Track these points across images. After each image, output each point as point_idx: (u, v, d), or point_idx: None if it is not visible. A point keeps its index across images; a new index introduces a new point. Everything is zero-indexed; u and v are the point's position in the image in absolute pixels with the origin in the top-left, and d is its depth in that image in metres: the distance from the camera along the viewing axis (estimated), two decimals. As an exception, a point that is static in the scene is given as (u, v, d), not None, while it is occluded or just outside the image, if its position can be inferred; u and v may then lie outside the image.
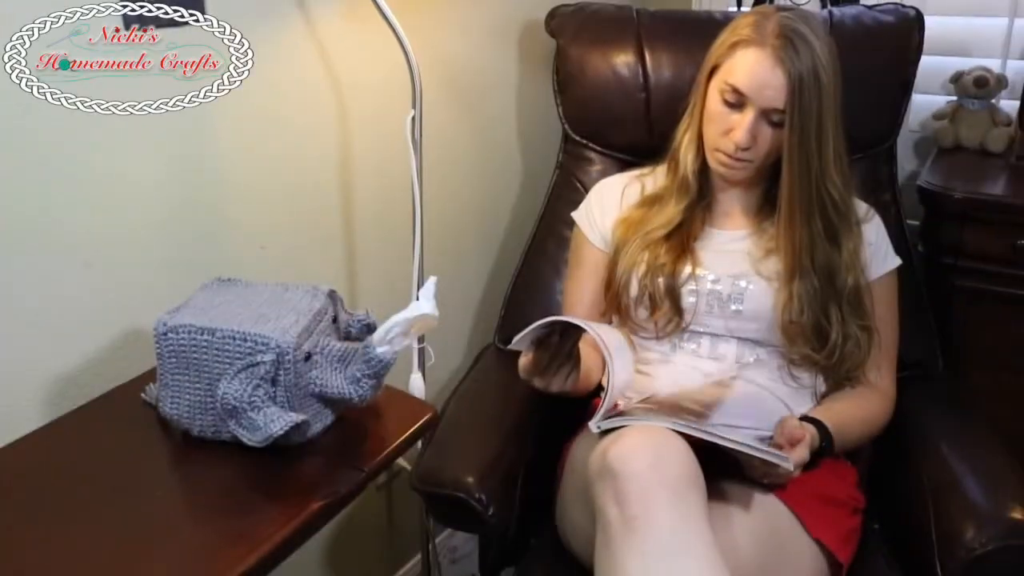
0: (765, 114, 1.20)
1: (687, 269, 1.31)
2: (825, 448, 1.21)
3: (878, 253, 1.33)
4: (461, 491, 1.20)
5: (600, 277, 1.39)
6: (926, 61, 1.57)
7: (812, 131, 1.19)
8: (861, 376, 1.32)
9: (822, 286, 1.26)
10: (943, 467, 1.25)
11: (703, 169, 1.33)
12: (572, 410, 1.36)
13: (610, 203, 1.41)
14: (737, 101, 1.21)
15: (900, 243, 1.41)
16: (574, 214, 1.46)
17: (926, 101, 1.86)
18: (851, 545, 1.22)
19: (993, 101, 1.79)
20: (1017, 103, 1.71)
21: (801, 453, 1.15)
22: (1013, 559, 1.11)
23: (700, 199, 1.34)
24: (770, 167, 1.28)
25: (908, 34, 1.54)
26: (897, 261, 1.36)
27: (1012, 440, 1.28)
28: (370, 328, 1.07)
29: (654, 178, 1.41)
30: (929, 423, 1.36)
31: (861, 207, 1.35)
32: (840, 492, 1.24)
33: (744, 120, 1.21)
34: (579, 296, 1.42)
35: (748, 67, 1.19)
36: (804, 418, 1.23)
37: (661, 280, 1.30)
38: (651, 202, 1.37)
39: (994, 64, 1.79)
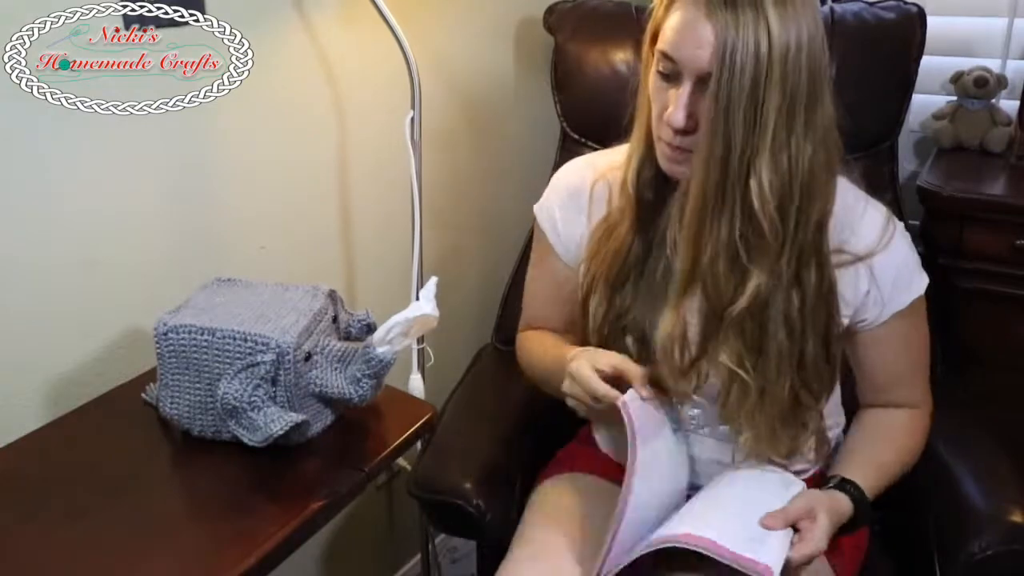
0: (702, 84, 0.97)
1: (641, 324, 1.11)
2: (862, 513, 1.08)
3: (900, 282, 1.12)
4: (458, 498, 1.19)
5: (561, 292, 1.22)
6: (926, 61, 1.56)
7: (740, 110, 0.95)
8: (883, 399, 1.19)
9: (712, 312, 1.05)
10: (942, 469, 1.25)
11: (660, 175, 1.07)
12: (569, 416, 1.36)
13: (575, 211, 1.19)
14: (671, 71, 1.00)
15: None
16: (536, 209, 1.25)
17: (926, 101, 1.86)
18: (854, 555, 1.20)
19: (993, 101, 1.79)
20: (1017, 103, 1.71)
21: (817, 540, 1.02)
22: (1014, 563, 1.11)
23: (662, 213, 1.10)
24: None
25: (910, 31, 1.54)
26: (923, 284, 1.14)
27: (1012, 441, 1.28)
28: (370, 328, 1.07)
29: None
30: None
31: (877, 220, 1.11)
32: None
33: (679, 94, 0.99)
34: (546, 309, 1.26)
35: (676, 26, 0.98)
36: (837, 484, 1.10)
37: (625, 338, 1.12)
38: (608, 230, 1.14)
39: (994, 64, 1.79)
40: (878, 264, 1.10)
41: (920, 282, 1.14)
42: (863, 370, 1.18)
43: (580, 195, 1.19)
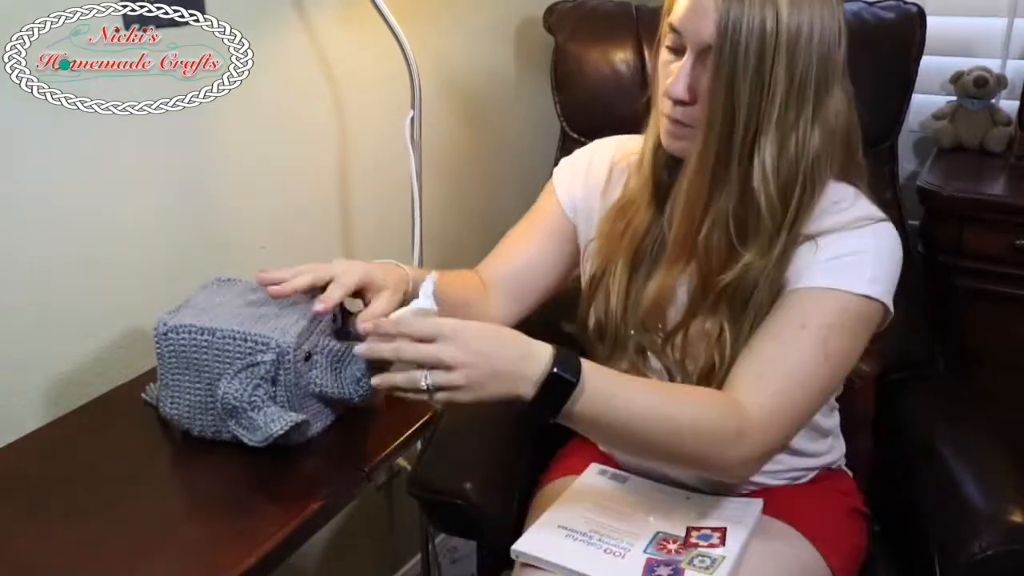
0: (704, 57, 0.97)
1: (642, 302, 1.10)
2: (558, 375, 0.87)
3: (838, 264, 1.00)
4: (458, 498, 1.19)
5: (548, 236, 1.20)
6: (926, 61, 1.56)
7: (745, 84, 0.94)
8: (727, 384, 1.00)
9: (701, 286, 1.03)
10: (943, 469, 1.25)
11: (674, 156, 1.06)
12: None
13: (594, 180, 1.19)
14: (677, 44, 1.00)
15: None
16: (556, 169, 1.25)
17: (926, 101, 1.86)
18: (853, 556, 1.19)
19: (993, 101, 1.79)
20: (1017, 103, 1.71)
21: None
22: (1014, 563, 1.10)
23: (668, 197, 1.09)
24: None
25: (910, 31, 1.54)
26: (870, 291, 0.99)
27: (1013, 441, 1.28)
28: None
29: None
30: (928, 424, 1.35)
31: (854, 213, 1.04)
32: (851, 502, 1.22)
33: (680, 65, 0.98)
34: (521, 249, 1.22)
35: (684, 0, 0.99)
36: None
37: (619, 317, 1.10)
38: (624, 211, 1.13)
39: (994, 64, 1.79)
40: (824, 240, 1.01)
41: (871, 287, 0.99)
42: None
43: (602, 168, 1.19)
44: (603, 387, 0.91)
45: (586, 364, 0.90)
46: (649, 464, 1.19)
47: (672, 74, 0.99)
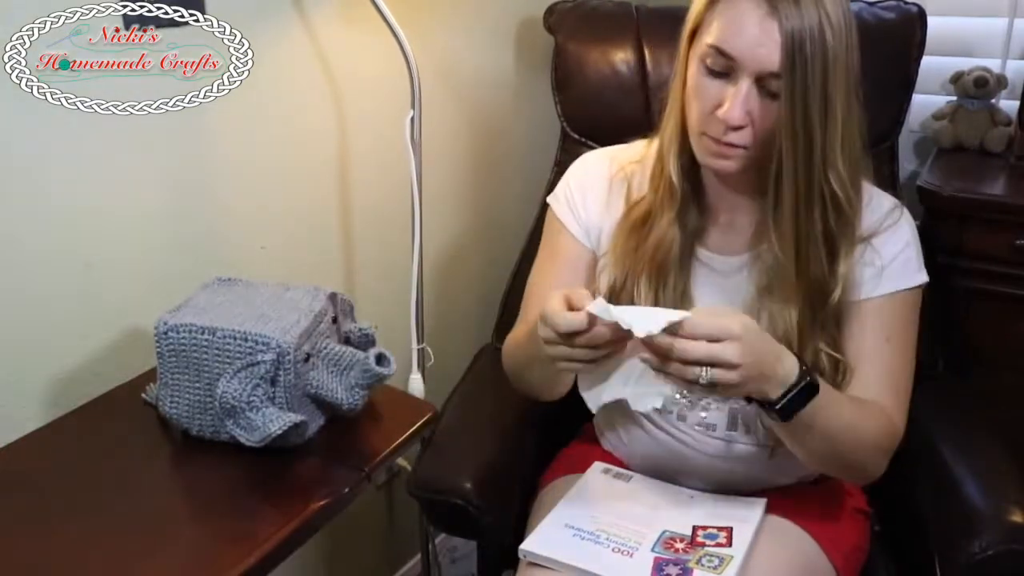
0: (760, 82, 0.96)
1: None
2: (807, 383, 0.94)
3: (902, 261, 1.09)
4: (459, 498, 1.19)
5: (578, 275, 1.18)
6: (926, 61, 1.56)
7: (815, 102, 0.94)
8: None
9: (810, 306, 1.05)
10: (943, 469, 1.25)
11: (693, 167, 1.08)
12: (570, 414, 1.36)
13: (596, 198, 1.18)
14: (724, 68, 0.97)
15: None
16: (550, 199, 1.23)
17: (926, 101, 1.86)
18: (856, 555, 1.20)
19: (993, 101, 1.79)
20: (1017, 103, 1.71)
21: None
22: (1014, 563, 1.10)
23: (693, 203, 1.11)
24: (766, 157, 1.01)
25: (910, 31, 1.54)
26: (921, 279, 1.11)
27: (1013, 441, 1.28)
28: (369, 339, 1.07)
29: (642, 170, 1.16)
30: (928, 424, 1.35)
31: (883, 204, 1.11)
32: (854, 501, 1.23)
33: (736, 92, 0.96)
34: (548, 291, 1.15)
35: (735, 22, 0.95)
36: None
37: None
38: (640, 223, 1.12)
39: (994, 64, 1.79)
40: (879, 241, 1.08)
41: (921, 275, 1.11)
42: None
43: (600, 183, 1.18)
44: (826, 395, 0.97)
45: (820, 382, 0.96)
46: (652, 464, 1.19)
47: (725, 98, 0.97)
